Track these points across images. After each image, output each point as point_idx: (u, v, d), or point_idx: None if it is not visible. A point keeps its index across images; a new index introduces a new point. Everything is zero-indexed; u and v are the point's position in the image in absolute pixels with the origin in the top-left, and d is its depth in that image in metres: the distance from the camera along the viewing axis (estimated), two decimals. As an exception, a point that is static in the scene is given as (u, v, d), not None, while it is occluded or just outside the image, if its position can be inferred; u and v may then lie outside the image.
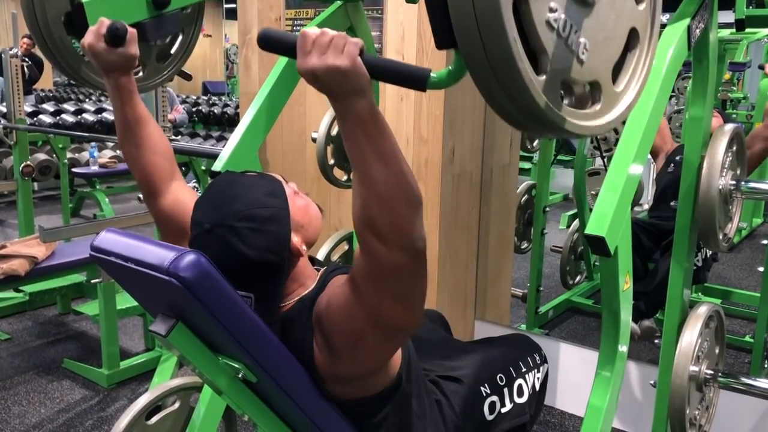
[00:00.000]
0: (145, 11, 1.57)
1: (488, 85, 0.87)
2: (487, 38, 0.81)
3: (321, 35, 0.94)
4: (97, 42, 1.30)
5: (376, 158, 0.97)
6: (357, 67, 0.93)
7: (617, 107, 1.04)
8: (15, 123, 4.18)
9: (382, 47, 2.58)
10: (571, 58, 0.92)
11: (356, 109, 0.96)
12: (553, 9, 0.88)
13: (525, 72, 0.84)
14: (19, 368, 3.07)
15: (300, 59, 0.95)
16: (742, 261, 4.87)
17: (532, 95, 0.86)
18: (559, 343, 2.76)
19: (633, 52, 1.07)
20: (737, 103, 6.14)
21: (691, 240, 1.87)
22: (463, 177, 2.67)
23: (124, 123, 1.38)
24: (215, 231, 1.18)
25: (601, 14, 0.96)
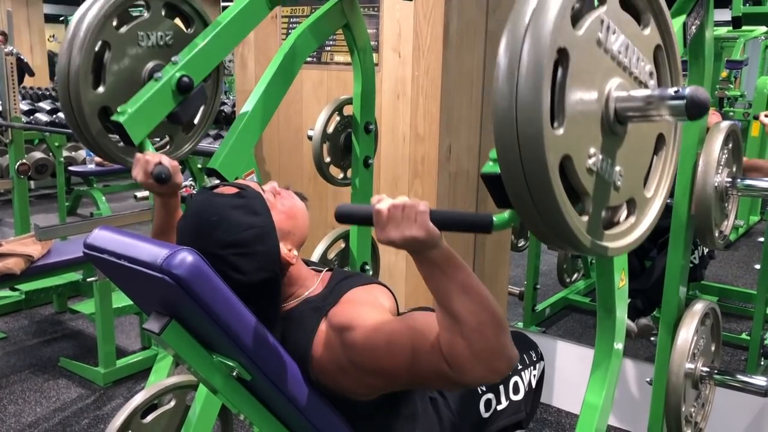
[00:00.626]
0: (173, 101, 1.65)
1: (542, 233, 0.95)
2: (539, 203, 0.89)
3: (393, 209, 1.01)
4: (146, 179, 1.40)
5: (460, 292, 1.03)
6: (430, 232, 1.01)
7: (648, 215, 1.09)
8: (11, 121, 4.17)
9: (378, 45, 2.57)
10: (609, 189, 0.98)
11: (432, 258, 1.04)
12: (591, 155, 0.93)
13: (573, 224, 0.91)
14: (15, 367, 3.06)
15: (378, 232, 1.04)
16: (739, 259, 4.88)
17: (578, 238, 0.93)
18: (556, 341, 2.76)
19: (660, 154, 1.11)
20: (734, 100, 6.14)
21: (687, 237, 1.87)
22: (459, 175, 2.67)
23: (162, 228, 1.45)
24: None
25: (632, 136, 1.00)
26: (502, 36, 0.89)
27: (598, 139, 0.96)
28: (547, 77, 0.85)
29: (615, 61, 0.98)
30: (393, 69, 2.58)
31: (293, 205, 1.31)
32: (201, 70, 1.71)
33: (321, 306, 1.24)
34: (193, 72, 1.67)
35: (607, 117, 0.96)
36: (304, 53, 1.84)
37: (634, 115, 0.96)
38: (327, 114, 2.11)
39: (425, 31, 2.47)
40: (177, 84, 1.64)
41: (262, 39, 2.94)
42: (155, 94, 1.61)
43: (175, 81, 1.63)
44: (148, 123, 1.61)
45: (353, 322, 1.17)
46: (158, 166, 1.39)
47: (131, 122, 1.58)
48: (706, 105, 0.90)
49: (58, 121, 6.40)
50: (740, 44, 5.77)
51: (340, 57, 2.72)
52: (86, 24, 1.64)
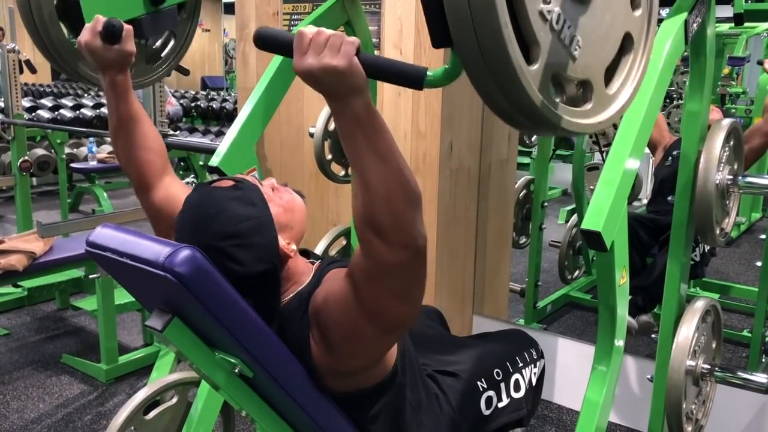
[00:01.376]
0: (141, 7, 1.55)
1: (483, 81, 0.87)
2: (480, 29, 0.81)
3: (317, 34, 0.93)
4: (93, 39, 1.29)
5: (375, 156, 0.97)
6: (353, 67, 0.93)
7: (609, 109, 1.04)
8: (13, 118, 4.18)
9: (379, 42, 2.57)
10: (564, 53, 0.92)
11: (353, 108, 0.95)
12: (546, 1, 0.88)
13: (516, 61, 0.83)
14: (18, 363, 3.07)
15: (296, 59, 0.94)
16: (740, 256, 4.88)
17: (525, 89, 0.85)
18: (557, 338, 2.77)
19: (627, 56, 1.07)
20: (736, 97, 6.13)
21: (688, 235, 1.88)
22: (461, 172, 2.67)
23: (119, 120, 1.38)
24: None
25: (595, 14, 0.96)
26: None
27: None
28: None
29: None
30: (394, 66, 2.57)
31: (291, 199, 1.31)
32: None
33: (308, 294, 1.23)
34: None
35: None
36: (306, 50, 1.84)
37: None
38: (328, 112, 2.11)
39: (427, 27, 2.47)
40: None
41: (264, 36, 2.94)
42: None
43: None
44: (107, 13, 1.38)
45: (328, 293, 1.17)
46: (109, 19, 1.28)
47: (89, 3, 1.46)
48: None
49: (60, 119, 6.40)
50: (742, 41, 5.76)
51: (341, 54, 2.72)
52: None
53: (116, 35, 1.28)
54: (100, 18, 1.29)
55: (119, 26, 1.28)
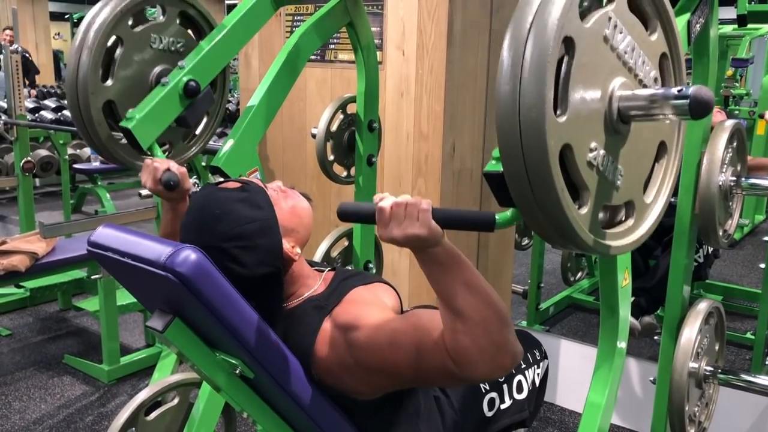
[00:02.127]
0: (180, 105, 1.67)
1: (542, 228, 0.96)
2: (539, 197, 0.90)
3: (395, 207, 1.02)
4: (155, 186, 1.41)
5: (463, 288, 1.03)
6: (432, 230, 1.01)
7: (647, 220, 1.09)
8: (16, 119, 4.18)
9: (382, 43, 2.57)
10: (609, 186, 0.99)
11: (434, 257, 1.04)
12: (592, 149, 0.94)
13: (573, 219, 0.92)
14: (20, 364, 3.07)
15: (380, 230, 1.04)
16: (743, 258, 4.87)
17: (578, 233, 0.94)
18: (560, 340, 2.76)
19: (661, 162, 1.12)
20: (740, 99, 6.12)
21: (690, 236, 1.87)
22: (463, 173, 2.67)
23: (171, 233, 1.45)
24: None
25: (634, 138, 1.01)
26: (508, 26, 0.89)
27: (601, 135, 0.96)
28: (552, 64, 0.86)
29: (620, 60, 0.98)
30: (397, 67, 2.57)
31: (297, 203, 1.31)
32: (207, 73, 1.72)
33: (324, 305, 1.24)
34: (199, 76, 1.69)
35: (610, 114, 0.96)
36: (308, 51, 1.85)
37: (638, 114, 0.96)
38: (330, 112, 2.11)
39: (429, 29, 2.47)
40: (184, 88, 1.65)
41: (266, 37, 2.94)
42: (163, 99, 1.63)
43: (182, 85, 1.65)
44: (156, 127, 1.63)
45: (357, 322, 1.17)
46: (167, 173, 1.39)
47: (139, 127, 1.60)
48: (709, 104, 0.90)
49: (63, 119, 6.41)
50: (746, 42, 5.75)
51: (343, 55, 2.72)
52: (102, 17, 1.68)
53: (174, 187, 1.42)
54: (158, 168, 1.40)
55: (175, 180, 1.41)
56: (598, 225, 0.99)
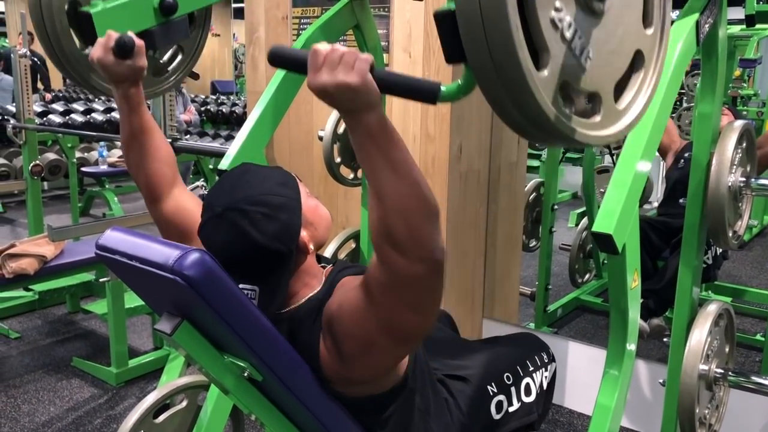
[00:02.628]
0: (153, 18, 1.56)
1: (496, 93, 0.87)
2: (492, 39, 0.82)
3: (331, 52, 0.94)
4: (105, 55, 1.31)
5: (390, 170, 0.98)
6: (367, 84, 0.94)
7: (618, 123, 1.04)
8: (24, 123, 4.20)
9: (388, 45, 2.57)
10: (574, 63, 0.92)
11: (367, 123, 0.97)
12: (558, 9, 0.88)
13: (526, 65, 0.83)
14: (29, 367, 3.08)
15: (310, 75, 0.95)
16: (753, 259, 4.84)
17: (536, 98, 0.86)
18: (568, 342, 2.75)
19: (637, 73, 1.07)
20: (748, 99, 6.09)
21: (700, 237, 1.86)
22: (470, 175, 2.66)
23: (130, 132, 1.40)
24: (226, 214, 1.18)
25: (607, 27, 0.96)
26: None
27: (570, 2, 0.90)
28: None
29: None
30: (403, 69, 2.57)
31: (320, 204, 1.34)
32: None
33: (321, 301, 1.24)
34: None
35: None
36: (315, 54, 1.85)
37: None
38: (337, 115, 2.11)
39: (436, 31, 2.47)
40: (160, 2, 1.54)
41: (273, 40, 2.94)
42: (135, 2, 1.52)
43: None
44: (119, 26, 1.42)
45: (342, 302, 1.17)
46: (121, 35, 1.30)
47: (102, 16, 1.47)
48: None
49: (71, 123, 6.44)
50: (754, 43, 5.72)
51: (350, 57, 2.72)
52: None
53: (128, 51, 1.30)
54: (112, 34, 1.31)
55: (131, 42, 1.30)
56: (557, 96, 0.90)
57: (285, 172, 1.29)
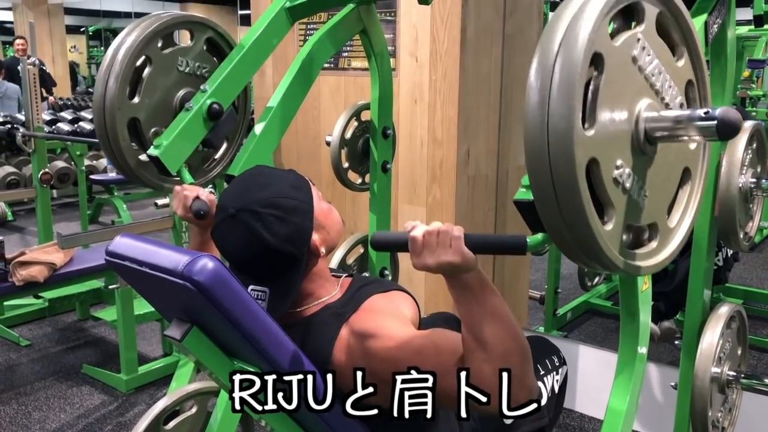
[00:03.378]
0: (205, 128, 1.69)
1: (572, 251, 0.97)
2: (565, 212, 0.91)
3: (428, 236, 1.02)
4: (186, 214, 1.48)
5: (489, 316, 1.04)
6: (465, 257, 1.02)
7: (671, 243, 1.10)
8: (33, 131, 4.23)
9: (395, 50, 2.57)
10: (634, 207, 1.00)
11: (466, 282, 1.05)
12: (618, 166, 0.95)
13: (599, 236, 0.93)
14: (40, 374, 3.09)
15: (414, 259, 1.05)
16: (764, 260, 4.80)
17: (604, 252, 0.94)
18: (578, 345, 2.74)
19: (685, 187, 1.12)
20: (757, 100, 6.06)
21: (710, 239, 1.85)
22: (478, 179, 2.66)
23: (198, 249, 1.49)
24: (239, 216, 1.20)
25: (660, 161, 1.03)
26: (538, 44, 0.91)
27: (627, 153, 0.97)
28: (581, 77, 0.87)
29: (648, 82, 1.00)
30: (410, 74, 2.57)
31: (333, 209, 1.36)
32: (229, 94, 1.74)
33: (341, 312, 1.24)
34: (221, 98, 1.71)
35: (637, 135, 0.97)
36: (322, 60, 1.85)
37: (664, 134, 0.97)
38: (345, 119, 2.11)
39: (442, 35, 2.47)
40: (207, 111, 1.68)
41: (280, 46, 2.93)
42: (187, 124, 1.66)
43: (206, 108, 1.67)
44: (183, 152, 1.66)
45: (376, 332, 1.17)
46: (196, 202, 1.45)
47: (167, 154, 1.62)
48: (737, 125, 0.91)
49: (80, 131, 6.48)
50: (762, 43, 5.70)
51: (357, 62, 2.73)
52: (133, 37, 1.75)
53: (204, 216, 1.48)
54: (188, 195, 1.47)
55: (206, 211, 1.47)
56: (623, 244, 0.99)
57: (298, 175, 1.31)
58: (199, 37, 1.91)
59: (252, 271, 1.22)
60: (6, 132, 4.78)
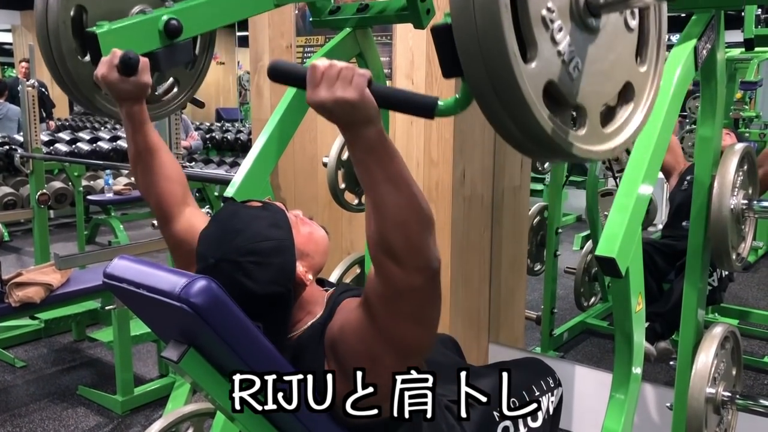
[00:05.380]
0: (158, 41, 1.57)
1: (489, 98, 0.88)
2: (485, 45, 0.84)
3: (329, 67, 0.95)
4: (110, 72, 1.33)
5: (387, 182, 0.99)
6: (365, 99, 0.95)
7: (603, 145, 1.04)
8: (32, 152, 4.24)
9: (391, 72, 2.60)
10: (561, 69, 0.93)
11: (365, 137, 0.98)
12: (550, 9, 0.90)
13: (513, 51, 0.84)
14: (35, 395, 3.08)
15: (309, 91, 0.97)
16: (759, 281, 4.82)
17: (522, 90, 0.86)
18: (575, 366, 2.74)
19: (626, 105, 1.08)
20: (749, 121, 6.10)
21: (704, 260, 1.86)
22: (474, 199, 2.67)
23: (137, 151, 1.41)
24: (220, 266, 1.19)
25: (598, 48, 0.98)
26: None
27: (563, 8, 0.91)
28: None
29: None
30: (406, 96, 2.60)
31: (315, 230, 1.33)
32: (193, 23, 1.62)
33: (322, 325, 1.24)
34: (185, 20, 1.58)
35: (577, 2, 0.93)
36: (319, 82, 1.87)
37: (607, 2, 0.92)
38: (341, 141, 2.13)
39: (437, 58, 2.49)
40: (165, 25, 1.55)
41: (277, 68, 2.98)
42: (140, 24, 1.53)
43: (164, 22, 1.55)
44: (124, 46, 1.43)
45: (341, 326, 1.17)
46: (125, 52, 1.32)
47: (107, 36, 1.48)
48: None
49: (78, 152, 6.50)
50: (754, 65, 5.76)
51: (354, 85, 2.75)
52: None
53: (133, 68, 1.32)
54: (116, 51, 1.33)
55: (135, 59, 1.32)
56: (542, 98, 0.91)
57: (273, 209, 1.28)
58: None
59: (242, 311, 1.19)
60: (4, 153, 4.80)
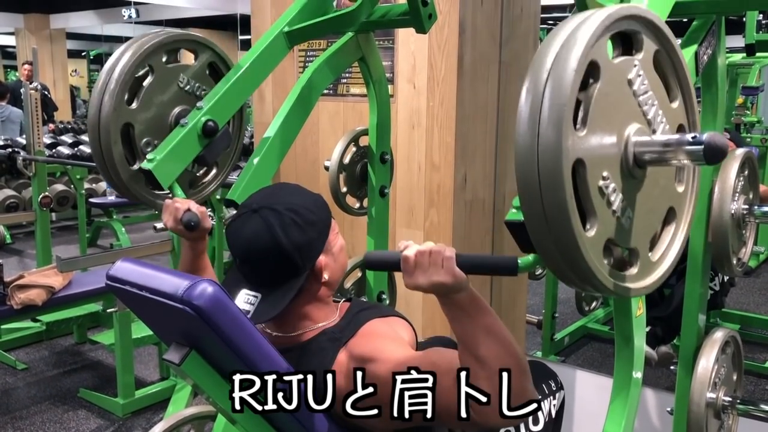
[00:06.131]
0: (200, 145, 1.69)
1: (563, 271, 0.99)
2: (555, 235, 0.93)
3: (420, 256, 1.04)
4: (176, 226, 1.45)
5: (485, 334, 1.05)
6: (456, 278, 1.04)
7: (651, 275, 1.11)
8: (34, 154, 4.25)
9: (393, 76, 2.61)
10: (616, 223, 1.01)
11: (458, 301, 1.06)
12: (605, 177, 0.97)
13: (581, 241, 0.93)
14: (36, 398, 3.08)
15: (406, 278, 1.06)
16: (760, 286, 4.81)
17: (587, 263, 0.94)
18: (576, 370, 2.74)
19: (669, 227, 1.14)
20: (751, 127, 6.11)
21: (704, 265, 1.86)
22: (475, 204, 2.68)
23: (191, 270, 1.48)
24: (261, 212, 1.25)
25: (646, 190, 1.05)
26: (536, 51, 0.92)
27: (615, 170, 0.98)
28: (576, 80, 0.88)
29: (640, 109, 1.01)
30: (408, 100, 2.61)
31: (344, 249, 1.39)
32: (225, 113, 1.75)
33: (339, 337, 1.25)
34: (217, 116, 1.71)
35: (626, 157, 0.99)
36: (321, 86, 1.88)
37: (653, 158, 0.99)
38: (343, 145, 2.14)
39: (440, 62, 2.50)
40: (202, 128, 1.68)
41: (280, 72, 2.99)
42: (182, 140, 1.66)
43: (201, 125, 1.68)
44: (176, 167, 1.66)
45: (374, 355, 1.18)
46: (187, 213, 1.44)
47: (160, 168, 1.63)
48: (723, 150, 0.93)
49: (80, 154, 6.51)
50: (755, 70, 5.76)
51: (355, 89, 2.76)
52: (139, 43, 1.74)
53: (195, 227, 1.45)
54: (179, 207, 1.44)
55: (196, 221, 1.45)
56: (604, 258, 1.00)
57: (325, 201, 1.36)
58: (202, 58, 1.92)
59: (252, 269, 1.25)
60: (7, 156, 4.81)
